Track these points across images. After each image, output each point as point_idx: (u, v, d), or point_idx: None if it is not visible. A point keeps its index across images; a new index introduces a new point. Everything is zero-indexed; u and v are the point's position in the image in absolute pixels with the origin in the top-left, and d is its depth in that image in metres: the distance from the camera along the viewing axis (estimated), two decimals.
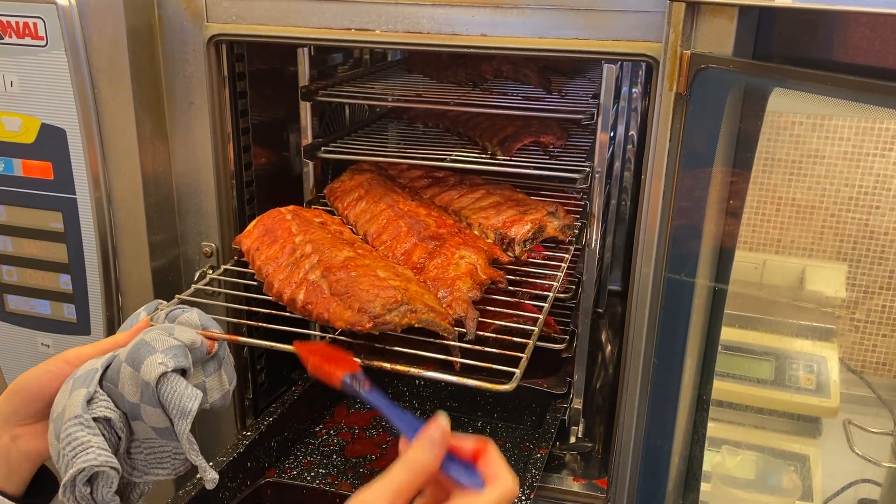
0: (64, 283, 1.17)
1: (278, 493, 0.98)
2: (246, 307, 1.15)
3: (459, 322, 0.90)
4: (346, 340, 0.86)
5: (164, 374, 0.73)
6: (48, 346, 1.22)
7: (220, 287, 1.06)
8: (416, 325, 0.83)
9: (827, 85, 0.71)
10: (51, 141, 1.10)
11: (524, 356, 0.84)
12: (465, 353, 0.89)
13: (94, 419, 0.72)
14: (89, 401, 0.73)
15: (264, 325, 0.91)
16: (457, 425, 1.32)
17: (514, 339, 0.88)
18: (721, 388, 1.69)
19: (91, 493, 0.72)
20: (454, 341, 0.87)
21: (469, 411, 1.35)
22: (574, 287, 1.19)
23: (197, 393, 0.75)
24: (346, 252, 0.93)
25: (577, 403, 1.28)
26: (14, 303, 1.22)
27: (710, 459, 1.52)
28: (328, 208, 1.24)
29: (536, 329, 0.90)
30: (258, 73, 1.28)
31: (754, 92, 0.83)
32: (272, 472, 1.17)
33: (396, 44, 1.01)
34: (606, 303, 1.76)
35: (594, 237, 1.18)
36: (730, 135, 0.87)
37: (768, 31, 0.81)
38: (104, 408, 0.73)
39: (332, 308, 0.83)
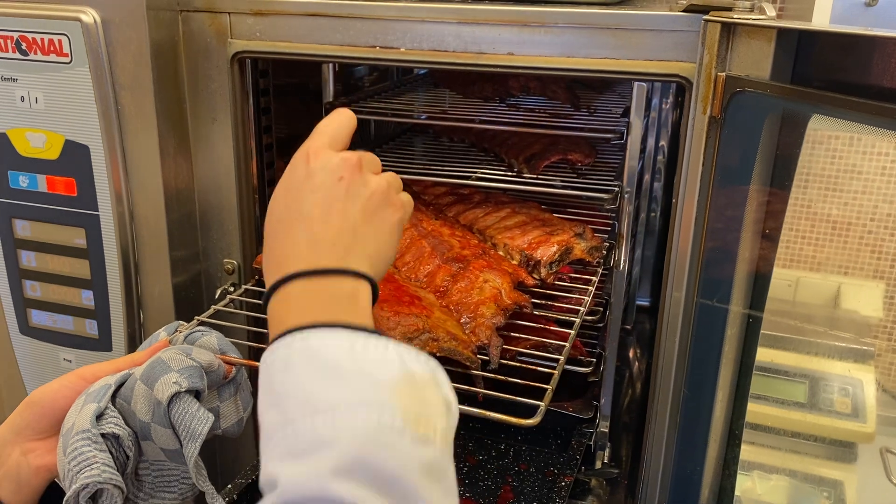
0: (86, 298, 1.17)
1: None
2: (266, 330, 1.13)
3: (483, 349, 0.87)
4: None
5: (177, 394, 0.72)
6: (70, 362, 1.22)
7: (240, 308, 1.04)
8: (437, 354, 0.81)
9: (869, 113, 0.68)
10: (74, 157, 1.09)
11: (549, 388, 0.81)
12: (488, 381, 0.87)
13: (103, 435, 0.71)
14: (99, 416, 0.72)
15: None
16: (479, 447, 1.30)
17: (538, 368, 0.85)
18: (752, 410, 1.64)
19: None
20: (477, 370, 0.84)
21: (492, 433, 1.32)
22: (601, 309, 1.16)
23: (208, 416, 0.74)
24: None
25: (604, 427, 1.25)
26: (37, 317, 1.22)
27: (741, 484, 1.47)
28: None
29: (562, 358, 0.87)
30: (284, 87, 1.27)
31: (793, 117, 0.80)
32: None
33: (421, 62, 0.99)
34: (635, 319, 1.73)
35: (623, 258, 1.15)
36: (766, 158, 0.84)
37: (808, 55, 0.77)
38: (113, 424, 0.72)
39: None
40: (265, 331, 1.12)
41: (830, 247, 1.93)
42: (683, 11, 0.88)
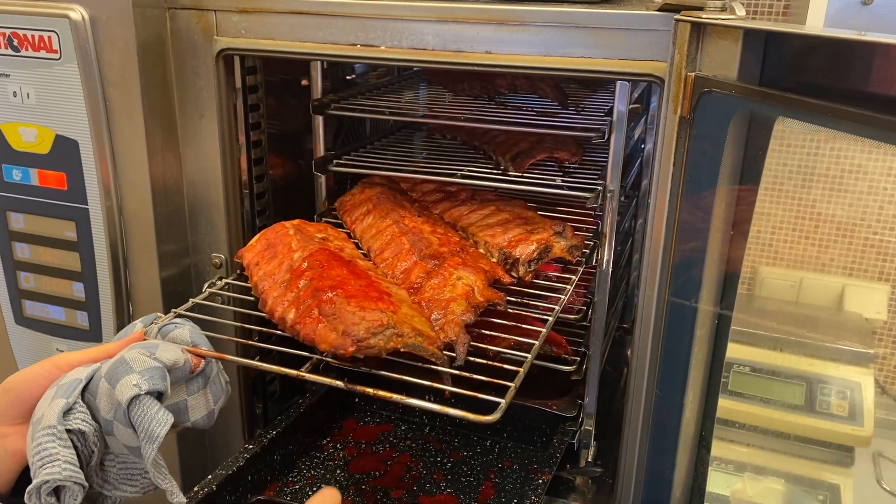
0: (77, 290, 1.19)
1: None
2: (240, 324, 1.14)
3: (452, 346, 0.88)
4: (333, 363, 0.85)
5: (136, 397, 0.73)
6: (62, 352, 1.24)
7: (219, 302, 1.06)
8: (401, 350, 0.82)
9: (831, 117, 0.67)
10: (64, 152, 1.12)
11: (513, 385, 0.81)
12: (459, 378, 0.87)
13: (69, 430, 0.72)
14: (68, 411, 0.73)
15: (255, 343, 0.91)
16: (465, 443, 1.31)
17: (507, 366, 0.85)
18: (748, 411, 1.64)
19: (57, 503, 0.72)
20: (444, 367, 0.85)
21: (479, 430, 1.32)
22: (585, 308, 1.16)
23: (167, 418, 0.75)
24: (341, 270, 0.92)
25: (589, 426, 1.25)
26: (31, 308, 1.24)
27: (730, 485, 1.47)
28: (339, 221, 1.24)
29: (529, 356, 0.87)
30: (276, 84, 1.28)
31: (759, 118, 0.79)
32: (274, 486, 1.17)
33: (401, 60, 1.00)
34: (633, 319, 1.72)
35: (606, 257, 1.14)
36: (734, 160, 0.83)
37: (777, 56, 0.77)
38: (80, 420, 0.73)
39: (318, 329, 0.82)
40: (239, 324, 1.13)
41: (835, 248, 1.91)
42: (658, 10, 0.88)
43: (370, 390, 0.79)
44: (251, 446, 1.14)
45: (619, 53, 0.92)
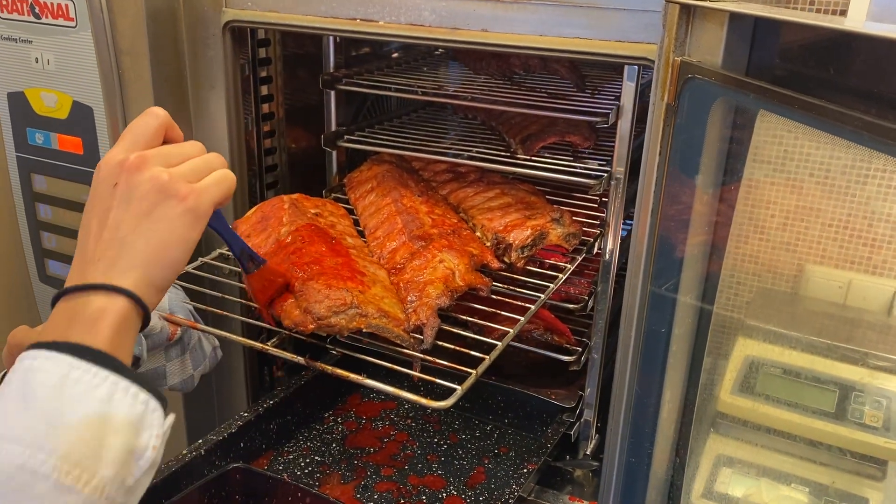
0: None
1: (245, 480, 0.99)
2: (232, 297, 1.15)
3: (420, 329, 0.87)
4: (300, 338, 0.85)
5: None
6: None
7: (209, 272, 1.07)
8: (364, 330, 0.81)
9: (812, 114, 0.62)
10: (81, 118, 1.15)
11: (474, 373, 0.80)
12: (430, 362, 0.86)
13: None
14: None
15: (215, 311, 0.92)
16: (465, 426, 1.30)
17: (471, 353, 0.84)
18: (773, 414, 1.56)
19: None
20: (412, 350, 0.84)
21: (480, 413, 1.31)
22: (586, 298, 1.13)
23: None
24: (320, 247, 0.92)
25: (588, 417, 1.22)
26: (53, 268, 1.29)
27: (744, 486, 1.41)
28: (346, 197, 1.24)
29: (500, 344, 0.85)
30: (293, 58, 1.29)
31: (741, 109, 0.75)
32: (269, 454, 1.19)
33: (399, 36, 0.99)
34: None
35: (610, 247, 1.11)
36: (718, 151, 0.79)
37: (766, 44, 0.72)
38: None
39: (285, 305, 0.82)
40: (236, 300, 1.15)
41: (889, 248, 1.80)
42: None
43: (329, 368, 0.79)
44: (246, 414, 1.17)
45: (615, 35, 0.88)
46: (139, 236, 0.63)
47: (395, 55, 1.53)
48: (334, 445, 1.23)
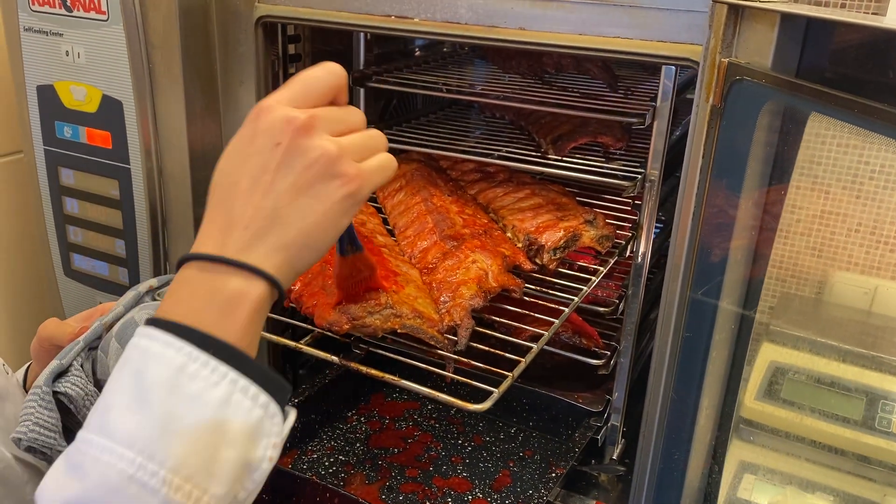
0: (119, 247, 1.23)
1: (273, 479, 0.98)
2: None
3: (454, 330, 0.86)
4: (334, 338, 0.84)
5: None
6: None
7: None
8: (399, 331, 0.80)
9: (868, 116, 0.61)
10: (110, 112, 1.14)
11: (510, 375, 0.79)
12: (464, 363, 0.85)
13: (56, 392, 0.74)
14: (61, 374, 0.75)
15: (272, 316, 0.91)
16: (490, 428, 1.29)
17: (507, 355, 0.83)
18: (798, 421, 1.55)
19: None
20: (445, 351, 0.83)
21: (505, 415, 1.30)
22: (617, 302, 1.12)
23: None
24: None
25: (616, 421, 1.20)
26: (78, 262, 1.29)
27: (767, 493, 1.39)
28: (374, 195, 1.23)
29: (535, 347, 0.84)
30: (324, 55, 1.28)
31: (792, 112, 0.73)
32: (293, 452, 1.18)
33: (434, 34, 0.97)
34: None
35: (642, 250, 1.09)
36: (766, 155, 0.77)
37: (818, 45, 0.70)
38: (70, 384, 0.75)
39: (319, 303, 0.81)
40: None
41: None
42: None
43: (363, 368, 0.78)
44: None
45: (657, 35, 0.87)
46: (295, 211, 0.56)
47: (417, 53, 1.52)
48: (358, 445, 1.22)
